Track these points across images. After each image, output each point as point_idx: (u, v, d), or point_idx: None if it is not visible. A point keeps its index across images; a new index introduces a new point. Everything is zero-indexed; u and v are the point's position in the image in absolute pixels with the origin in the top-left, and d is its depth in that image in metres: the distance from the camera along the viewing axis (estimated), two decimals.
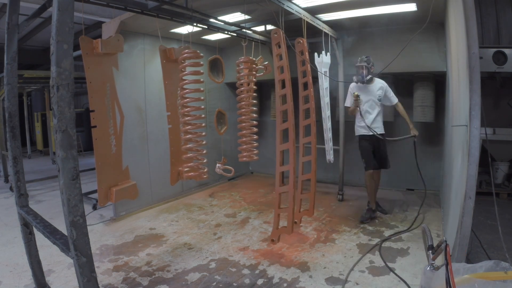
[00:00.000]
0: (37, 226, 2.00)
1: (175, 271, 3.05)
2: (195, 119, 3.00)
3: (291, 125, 3.09)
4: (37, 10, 2.22)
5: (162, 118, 3.48)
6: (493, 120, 4.81)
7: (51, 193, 5.88)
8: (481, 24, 5.17)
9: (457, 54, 2.70)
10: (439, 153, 5.16)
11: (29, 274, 2.54)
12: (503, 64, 4.58)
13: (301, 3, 3.65)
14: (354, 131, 4.29)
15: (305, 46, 3.52)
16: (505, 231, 3.57)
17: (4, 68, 2.29)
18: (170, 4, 3.01)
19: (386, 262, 3.10)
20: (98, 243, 3.63)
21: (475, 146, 1.88)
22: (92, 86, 2.31)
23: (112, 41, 2.36)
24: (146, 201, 4.81)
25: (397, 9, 3.99)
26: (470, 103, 1.88)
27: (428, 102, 4.96)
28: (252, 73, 3.57)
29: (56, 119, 1.41)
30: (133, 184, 2.58)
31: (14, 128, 2.33)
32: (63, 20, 1.39)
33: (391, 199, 5.09)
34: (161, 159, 4.79)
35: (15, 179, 2.34)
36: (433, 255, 1.42)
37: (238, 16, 4.24)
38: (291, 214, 3.15)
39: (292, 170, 3.14)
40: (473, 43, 1.90)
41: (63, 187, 1.44)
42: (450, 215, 2.81)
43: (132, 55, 4.55)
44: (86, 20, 6.18)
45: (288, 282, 2.83)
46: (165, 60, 3.00)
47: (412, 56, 4.58)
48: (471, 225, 1.92)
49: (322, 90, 4.19)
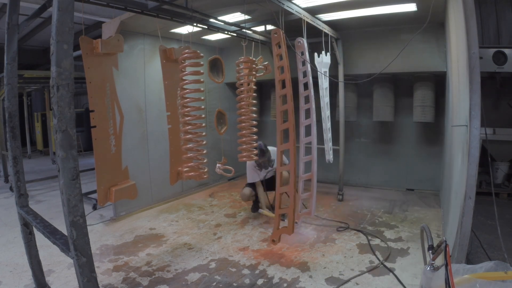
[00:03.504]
0: (37, 226, 2.01)
1: (175, 271, 3.05)
2: (195, 119, 3.00)
3: (292, 125, 3.09)
4: (37, 10, 2.22)
5: (162, 118, 3.48)
6: (493, 120, 4.81)
7: (51, 193, 5.88)
8: (481, 24, 5.17)
9: (457, 54, 2.70)
10: (439, 153, 5.16)
11: (29, 274, 2.54)
12: (503, 64, 4.59)
13: (301, 3, 3.65)
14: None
15: (305, 46, 3.52)
16: (505, 231, 3.57)
17: (4, 68, 2.29)
18: (170, 4, 3.01)
19: (386, 262, 3.10)
20: (98, 243, 3.63)
21: (475, 146, 1.88)
22: (92, 86, 2.30)
23: (112, 41, 2.36)
24: (146, 201, 4.81)
25: (397, 9, 3.98)
26: (470, 103, 1.89)
27: (428, 102, 4.96)
28: (252, 73, 3.57)
29: (56, 119, 1.41)
30: (133, 184, 2.58)
31: (14, 128, 2.33)
32: (63, 20, 1.39)
33: (391, 199, 5.09)
34: (161, 159, 4.78)
35: (15, 179, 2.34)
36: (433, 255, 1.43)
37: (238, 16, 4.24)
38: (292, 214, 3.15)
39: (293, 170, 3.14)
40: (473, 43, 1.90)
41: (63, 187, 1.44)
42: (450, 215, 2.81)
43: (132, 55, 4.55)
44: (86, 20, 6.18)
45: (288, 282, 2.83)
46: (165, 60, 3.00)
47: (412, 56, 4.59)
48: (471, 225, 1.92)
49: (322, 90, 4.19)
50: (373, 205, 4.82)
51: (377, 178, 5.74)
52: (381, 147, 5.77)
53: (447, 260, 1.26)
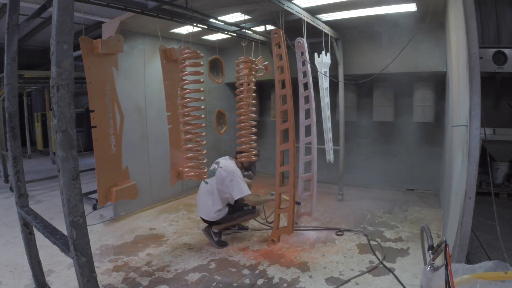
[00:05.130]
0: (37, 226, 2.01)
1: (175, 271, 3.05)
2: (195, 119, 2.99)
3: (291, 125, 3.09)
4: (37, 10, 2.22)
5: (162, 118, 3.48)
6: (493, 120, 4.81)
7: (51, 193, 5.88)
8: (481, 24, 5.17)
9: (457, 54, 2.70)
10: (439, 153, 5.16)
11: (29, 274, 2.54)
12: (503, 64, 4.58)
13: (301, 3, 3.65)
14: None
15: (305, 46, 3.52)
16: (505, 231, 3.57)
17: (4, 68, 2.29)
18: (170, 4, 3.01)
19: (386, 262, 3.10)
20: (98, 243, 3.63)
21: (475, 146, 1.88)
22: (92, 86, 2.30)
23: (112, 41, 2.36)
24: (146, 201, 4.81)
25: (397, 9, 3.98)
26: (470, 103, 1.88)
27: (428, 102, 4.96)
28: (252, 73, 3.57)
29: (56, 119, 1.41)
30: (133, 184, 2.58)
31: (14, 128, 2.33)
32: (63, 20, 1.39)
33: (391, 199, 5.09)
34: (161, 159, 4.78)
35: (15, 179, 2.34)
36: (433, 255, 1.43)
37: (238, 16, 4.24)
38: (291, 214, 3.15)
39: (292, 170, 3.14)
40: (473, 43, 1.90)
41: (63, 187, 1.44)
42: (450, 215, 2.81)
43: (132, 55, 4.55)
44: (86, 20, 6.18)
45: (288, 282, 2.83)
46: (165, 60, 2.99)
47: (412, 56, 4.58)
48: (471, 225, 1.92)
49: (322, 90, 4.19)
50: (373, 205, 4.81)
51: (377, 178, 5.73)
52: (381, 147, 5.77)
53: (447, 260, 1.26)
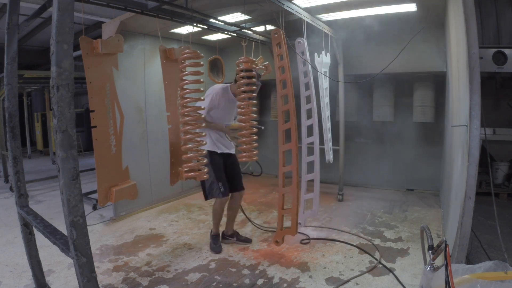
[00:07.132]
0: (37, 226, 2.00)
1: (175, 271, 3.05)
2: (195, 119, 3.00)
3: (294, 125, 3.09)
4: (37, 10, 2.22)
5: (162, 118, 3.48)
6: (493, 120, 4.81)
7: (51, 193, 5.88)
8: (481, 24, 5.17)
9: (457, 54, 2.70)
10: (439, 153, 5.16)
11: (29, 274, 2.53)
12: (503, 64, 4.58)
13: (301, 3, 3.65)
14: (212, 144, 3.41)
15: (305, 46, 3.52)
16: (505, 231, 3.57)
17: (4, 68, 2.29)
18: (170, 4, 3.01)
19: (386, 262, 3.10)
20: (98, 243, 3.63)
21: (475, 146, 1.88)
22: (92, 86, 2.30)
23: (112, 41, 2.36)
24: (146, 201, 4.81)
25: (397, 9, 3.98)
26: (470, 103, 1.88)
27: (428, 102, 4.96)
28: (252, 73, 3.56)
29: (56, 119, 1.41)
30: (133, 184, 2.58)
31: (14, 128, 2.33)
32: (63, 20, 1.39)
33: (391, 199, 5.09)
34: (161, 159, 4.78)
35: (15, 179, 2.34)
36: (433, 255, 1.42)
37: (238, 16, 4.24)
38: (295, 215, 3.14)
39: (295, 170, 3.13)
40: (473, 43, 1.90)
41: (63, 187, 1.44)
42: (450, 215, 2.81)
43: (132, 55, 4.55)
44: (86, 20, 6.18)
45: (288, 282, 2.83)
46: (165, 60, 2.99)
47: (412, 56, 4.58)
48: (471, 225, 1.92)
49: (322, 91, 4.19)
50: (373, 205, 4.82)
51: (377, 178, 5.73)
52: (381, 147, 5.77)
53: (447, 260, 1.26)
